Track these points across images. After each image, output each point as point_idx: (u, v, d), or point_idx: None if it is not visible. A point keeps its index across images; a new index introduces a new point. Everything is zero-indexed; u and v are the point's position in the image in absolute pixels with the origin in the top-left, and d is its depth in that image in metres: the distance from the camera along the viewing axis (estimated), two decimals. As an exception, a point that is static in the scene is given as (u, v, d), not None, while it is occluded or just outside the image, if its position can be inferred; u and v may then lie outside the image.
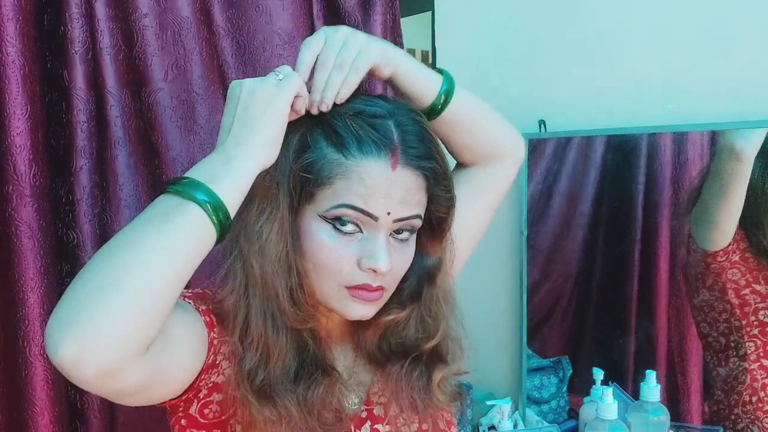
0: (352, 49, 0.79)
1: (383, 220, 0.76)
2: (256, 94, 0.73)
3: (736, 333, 1.36)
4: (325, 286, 0.78)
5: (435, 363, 0.87)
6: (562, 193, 1.60)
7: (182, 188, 0.68)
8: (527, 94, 1.60)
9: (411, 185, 0.78)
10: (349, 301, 0.78)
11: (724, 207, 1.34)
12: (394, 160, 0.76)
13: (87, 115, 1.12)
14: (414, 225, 0.80)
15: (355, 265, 0.77)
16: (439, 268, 0.87)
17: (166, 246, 0.65)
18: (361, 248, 0.77)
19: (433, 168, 0.79)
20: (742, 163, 1.29)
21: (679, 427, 1.39)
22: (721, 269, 1.35)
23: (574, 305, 1.64)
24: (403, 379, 0.86)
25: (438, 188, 0.80)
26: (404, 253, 0.81)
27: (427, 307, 0.87)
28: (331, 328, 0.88)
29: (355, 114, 0.77)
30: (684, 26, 1.38)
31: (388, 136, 0.76)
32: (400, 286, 0.84)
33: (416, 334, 0.87)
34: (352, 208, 0.75)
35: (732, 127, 1.29)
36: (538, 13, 1.58)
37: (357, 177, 0.75)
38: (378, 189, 0.75)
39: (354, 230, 0.77)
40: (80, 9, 1.11)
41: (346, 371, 0.86)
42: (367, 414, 0.86)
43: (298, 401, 0.76)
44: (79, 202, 1.13)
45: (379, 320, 0.84)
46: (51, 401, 1.08)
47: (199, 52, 1.24)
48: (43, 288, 1.08)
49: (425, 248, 0.85)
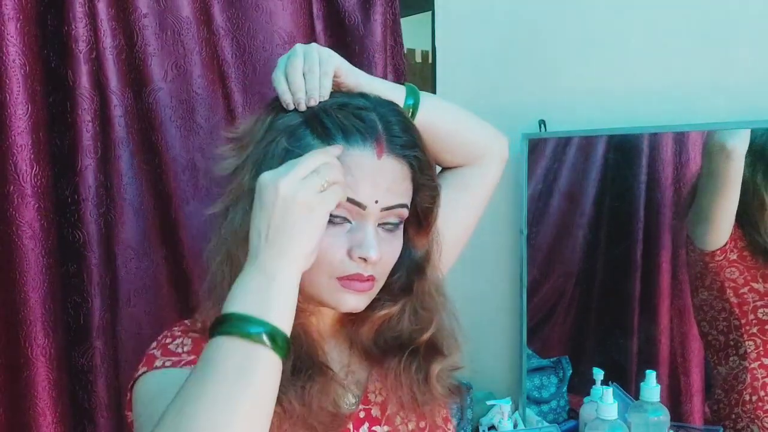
0: (313, 54, 0.81)
1: (371, 209, 0.77)
2: (297, 201, 0.68)
3: (736, 332, 1.36)
4: (315, 278, 0.77)
5: (432, 355, 0.87)
6: (562, 193, 1.61)
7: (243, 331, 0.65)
8: (527, 94, 1.60)
9: (397, 173, 0.78)
10: (342, 292, 0.78)
11: (719, 207, 1.35)
12: (379, 149, 0.77)
13: (92, 115, 1.12)
14: (401, 214, 0.81)
15: (346, 256, 0.77)
16: (427, 261, 0.87)
17: (258, 396, 0.64)
18: (351, 238, 0.77)
19: (418, 156, 0.80)
20: (734, 162, 1.29)
21: (680, 427, 1.39)
22: (719, 268, 1.36)
23: (575, 305, 1.64)
24: (402, 374, 0.86)
25: (423, 177, 0.81)
26: (392, 244, 0.81)
27: (420, 300, 0.87)
28: (323, 327, 0.88)
29: (339, 106, 0.79)
30: (684, 26, 1.38)
31: (372, 126, 0.77)
32: (389, 280, 0.84)
33: (411, 327, 0.87)
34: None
35: (732, 127, 1.29)
36: (538, 13, 1.58)
37: (344, 167, 0.75)
38: (365, 177, 0.76)
39: (342, 221, 0.77)
40: (84, 8, 1.11)
41: (341, 370, 0.86)
42: (365, 414, 0.86)
43: (294, 398, 0.76)
44: (84, 202, 1.13)
45: (373, 315, 0.84)
46: (53, 401, 1.08)
47: (199, 52, 1.24)
48: (44, 288, 1.08)
49: (412, 241, 0.86)
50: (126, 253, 1.20)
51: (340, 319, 0.89)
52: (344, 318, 0.89)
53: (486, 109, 1.64)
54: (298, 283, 0.69)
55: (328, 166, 0.70)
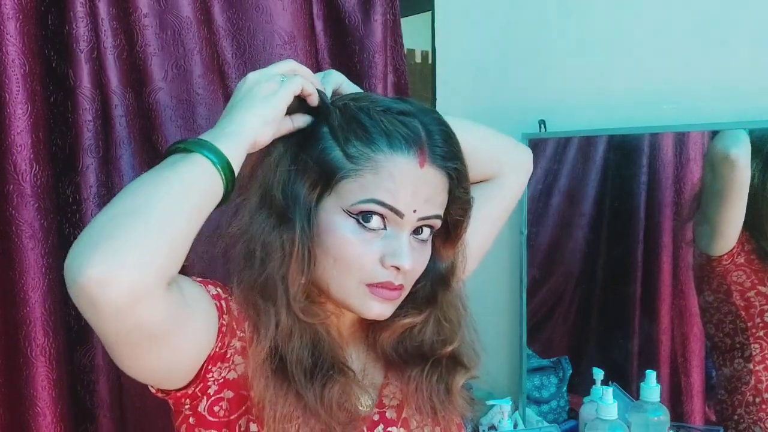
0: (313, 75, 0.84)
1: (408, 218, 0.77)
2: (260, 84, 0.76)
3: (742, 334, 1.36)
4: (344, 282, 0.78)
5: (455, 368, 0.87)
6: (563, 193, 1.61)
7: (187, 145, 0.71)
8: (527, 94, 1.60)
9: (437, 184, 0.78)
10: (368, 298, 0.78)
11: (725, 215, 1.34)
12: (422, 158, 0.76)
13: (93, 114, 1.12)
14: (434, 225, 0.81)
15: (378, 263, 0.77)
16: (452, 273, 0.87)
17: (181, 185, 0.68)
18: (385, 245, 0.77)
19: (458, 168, 0.80)
20: (739, 171, 1.29)
21: (680, 427, 1.39)
22: (726, 272, 1.35)
23: (575, 305, 1.64)
24: (423, 383, 0.85)
25: (459, 189, 0.81)
26: (423, 253, 0.81)
27: (443, 312, 0.87)
28: (343, 328, 0.87)
29: (383, 110, 0.78)
30: (684, 26, 1.38)
31: (416, 133, 0.77)
32: (413, 288, 0.83)
33: (433, 337, 0.87)
34: (380, 203, 0.75)
35: (733, 127, 1.29)
36: (538, 13, 1.58)
37: (386, 172, 0.75)
38: (406, 186, 0.76)
39: (378, 227, 0.77)
40: (85, 8, 1.10)
41: (359, 372, 0.86)
42: (379, 417, 0.85)
43: (315, 396, 0.76)
44: (85, 201, 1.13)
45: (396, 323, 0.84)
46: (53, 401, 1.08)
47: (199, 51, 1.24)
48: (44, 288, 1.07)
49: (438, 252, 0.86)
50: (127, 253, 1.20)
51: (359, 322, 0.89)
52: (364, 321, 0.88)
53: (486, 109, 1.66)
54: (248, 140, 0.74)
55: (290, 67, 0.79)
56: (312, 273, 0.78)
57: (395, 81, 1.52)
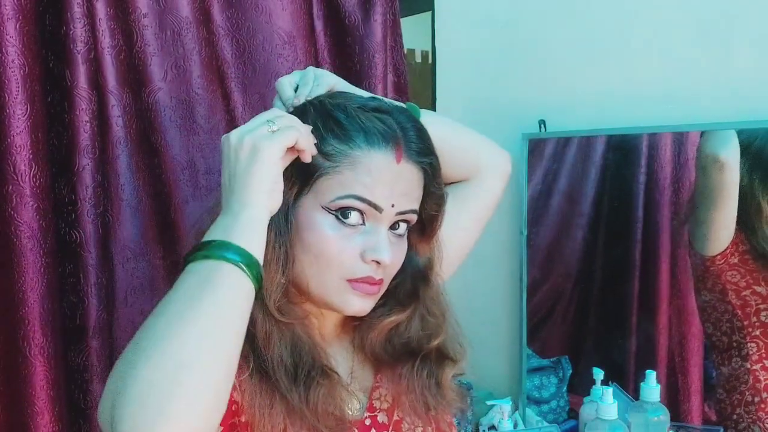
0: (309, 73, 0.85)
1: (387, 212, 0.77)
2: (244, 143, 0.71)
3: (738, 333, 1.36)
4: (325, 278, 0.78)
5: (443, 361, 0.88)
6: (562, 193, 1.61)
7: (209, 252, 0.67)
8: (527, 94, 1.60)
9: (413, 179, 0.79)
10: (349, 294, 0.78)
11: (717, 217, 1.35)
12: (399, 153, 0.77)
13: (89, 115, 1.12)
14: (410, 220, 0.81)
15: (358, 258, 0.77)
16: (430, 268, 0.88)
17: (221, 311, 0.65)
18: (365, 240, 0.77)
19: (432, 163, 0.81)
20: (728, 173, 1.30)
21: (680, 427, 1.39)
22: (720, 271, 1.36)
23: (574, 305, 1.64)
24: (415, 379, 0.86)
25: (433, 184, 0.82)
26: (400, 248, 0.82)
27: (426, 307, 0.88)
28: (325, 331, 0.87)
29: (359, 107, 0.79)
30: (684, 26, 1.38)
31: (392, 130, 0.78)
32: (393, 285, 0.84)
33: (419, 333, 0.87)
34: (359, 198, 0.76)
35: (731, 127, 1.29)
36: (538, 13, 1.58)
37: (364, 168, 0.75)
38: (383, 181, 0.76)
39: (357, 222, 0.77)
40: (82, 9, 1.11)
41: (346, 375, 0.86)
42: (371, 421, 0.85)
43: (300, 398, 0.75)
44: (81, 202, 1.13)
45: (383, 322, 0.85)
46: (51, 401, 1.08)
47: (199, 51, 1.24)
48: (43, 288, 1.07)
49: (415, 247, 0.86)
50: (123, 253, 1.20)
51: (342, 324, 0.89)
52: (347, 323, 0.88)
53: (486, 109, 1.66)
54: (266, 219, 0.71)
55: (280, 116, 0.74)
56: (291, 272, 0.77)
57: (395, 81, 1.52)
